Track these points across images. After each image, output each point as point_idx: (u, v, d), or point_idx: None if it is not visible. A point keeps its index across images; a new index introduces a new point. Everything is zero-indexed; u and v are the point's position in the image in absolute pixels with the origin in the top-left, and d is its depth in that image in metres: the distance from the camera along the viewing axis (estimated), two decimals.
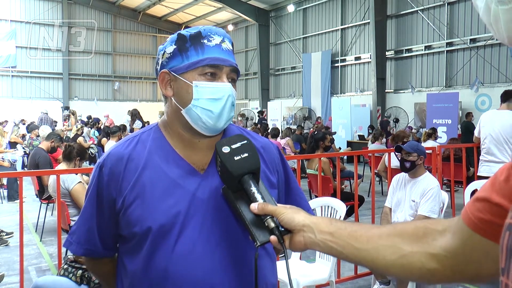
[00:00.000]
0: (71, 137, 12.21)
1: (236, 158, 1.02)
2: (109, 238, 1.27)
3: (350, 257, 0.89)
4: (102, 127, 14.56)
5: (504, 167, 0.73)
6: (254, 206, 0.98)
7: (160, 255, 1.16)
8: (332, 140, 8.23)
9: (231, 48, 1.24)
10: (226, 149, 1.04)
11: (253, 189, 1.01)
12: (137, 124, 11.22)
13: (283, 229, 0.95)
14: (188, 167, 1.22)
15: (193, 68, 1.19)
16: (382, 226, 0.91)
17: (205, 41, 1.20)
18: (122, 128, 10.51)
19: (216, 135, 1.25)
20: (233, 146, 1.05)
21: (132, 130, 11.29)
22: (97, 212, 1.25)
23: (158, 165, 1.21)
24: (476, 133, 5.13)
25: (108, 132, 11.05)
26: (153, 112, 22.15)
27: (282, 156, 1.39)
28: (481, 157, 4.99)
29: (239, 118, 19.32)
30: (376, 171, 7.99)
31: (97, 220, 1.26)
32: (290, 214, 0.95)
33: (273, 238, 0.94)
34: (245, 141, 1.07)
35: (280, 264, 1.46)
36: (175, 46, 1.21)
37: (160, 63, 1.25)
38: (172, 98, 1.24)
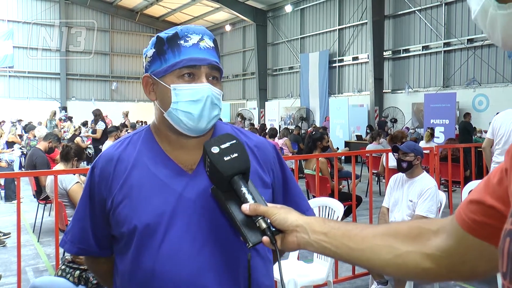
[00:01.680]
0: (67, 137, 12.16)
1: (226, 158, 1.00)
2: (103, 238, 1.28)
3: (344, 257, 0.89)
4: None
5: (497, 169, 0.73)
6: (245, 207, 0.96)
7: (146, 254, 1.16)
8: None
9: (211, 45, 1.22)
10: (215, 149, 1.01)
11: (244, 189, 0.99)
12: (100, 125, 11.10)
13: (274, 229, 0.94)
14: (176, 168, 1.22)
15: (170, 71, 1.18)
16: (376, 226, 0.91)
17: (182, 41, 1.18)
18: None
19: (204, 135, 1.24)
20: (222, 146, 1.02)
21: (94, 132, 11.29)
22: (90, 212, 1.27)
23: (146, 166, 1.22)
24: (488, 134, 4.77)
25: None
26: (151, 112, 22.09)
27: (279, 156, 1.36)
28: (493, 158, 4.72)
29: (238, 119, 19.26)
30: (375, 172, 8.01)
31: (90, 220, 1.27)
32: (282, 214, 0.93)
33: (265, 238, 0.93)
34: (234, 141, 1.05)
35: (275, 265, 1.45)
36: (154, 50, 1.21)
37: (144, 67, 1.26)
38: (156, 102, 1.25)
